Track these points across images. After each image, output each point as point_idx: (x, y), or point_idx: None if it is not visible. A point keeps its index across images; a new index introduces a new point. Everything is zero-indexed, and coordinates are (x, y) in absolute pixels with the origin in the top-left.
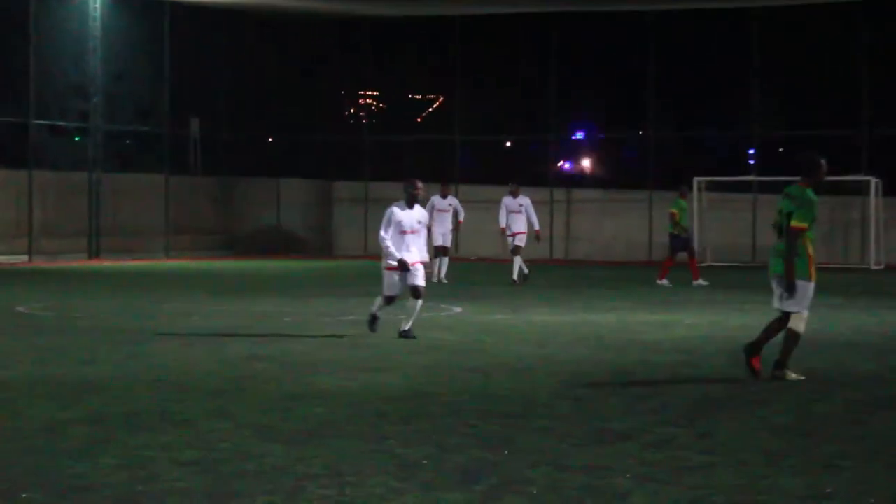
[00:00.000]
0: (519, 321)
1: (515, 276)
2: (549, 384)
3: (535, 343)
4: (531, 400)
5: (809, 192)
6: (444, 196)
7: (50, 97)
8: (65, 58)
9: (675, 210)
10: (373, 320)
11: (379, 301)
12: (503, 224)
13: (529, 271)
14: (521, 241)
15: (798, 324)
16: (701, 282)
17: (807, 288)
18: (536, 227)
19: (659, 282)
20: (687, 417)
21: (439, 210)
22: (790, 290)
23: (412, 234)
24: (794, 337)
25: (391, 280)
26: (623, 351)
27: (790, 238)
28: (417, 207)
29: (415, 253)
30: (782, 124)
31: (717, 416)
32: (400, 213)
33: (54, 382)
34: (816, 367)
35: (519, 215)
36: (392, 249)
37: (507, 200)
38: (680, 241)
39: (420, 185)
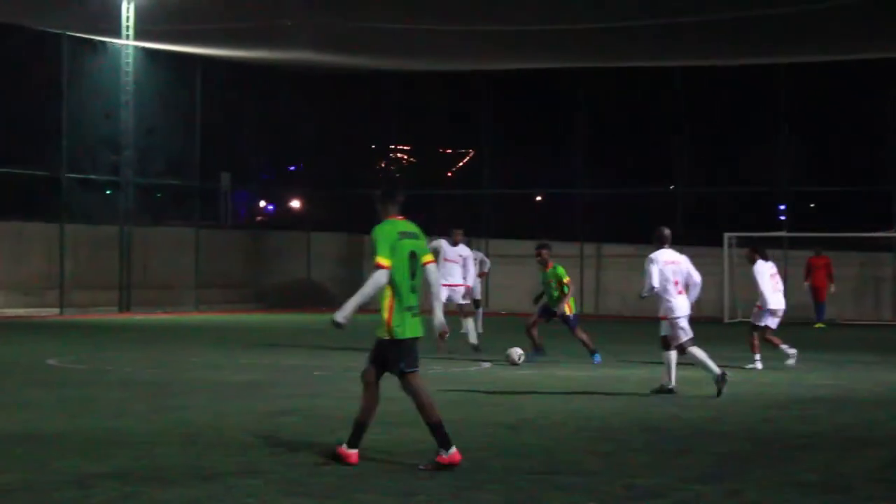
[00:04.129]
0: (547, 376)
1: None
2: (577, 440)
3: (562, 398)
4: (558, 456)
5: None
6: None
7: (82, 151)
8: (97, 111)
9: None
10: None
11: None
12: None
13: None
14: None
15: None
16: None
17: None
18: (469, 282)
19: None
20: (716, 475)
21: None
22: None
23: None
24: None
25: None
26: (652, 407)
27: None
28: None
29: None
30: (813, 180)
31: (745, 474)
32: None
33: (83, 436)
34: (845, 423)
35: (455, 265)
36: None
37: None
38: None
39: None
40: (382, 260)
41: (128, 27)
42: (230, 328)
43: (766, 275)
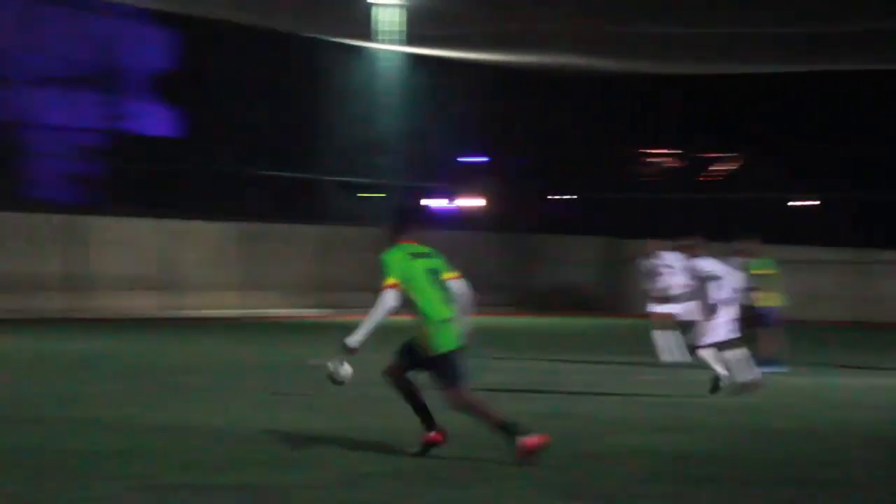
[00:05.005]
0: (818, 384)
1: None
2: (848, 450)
3: (834, 406)
4: (827, 466)
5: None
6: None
7: (342, 154)
8: (357, 116)
9: None
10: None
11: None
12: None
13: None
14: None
15: None
16: None
17: None
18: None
19: None
20: None
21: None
22: None
23: None
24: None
25: None
26: None
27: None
28: None
29: None
30: None
31: None
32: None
33: (356, 435)
34: None
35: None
36: None
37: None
38: None
39: None
40: (389, 281)
41: (388, 32)
42: (491, 330)
43: None
